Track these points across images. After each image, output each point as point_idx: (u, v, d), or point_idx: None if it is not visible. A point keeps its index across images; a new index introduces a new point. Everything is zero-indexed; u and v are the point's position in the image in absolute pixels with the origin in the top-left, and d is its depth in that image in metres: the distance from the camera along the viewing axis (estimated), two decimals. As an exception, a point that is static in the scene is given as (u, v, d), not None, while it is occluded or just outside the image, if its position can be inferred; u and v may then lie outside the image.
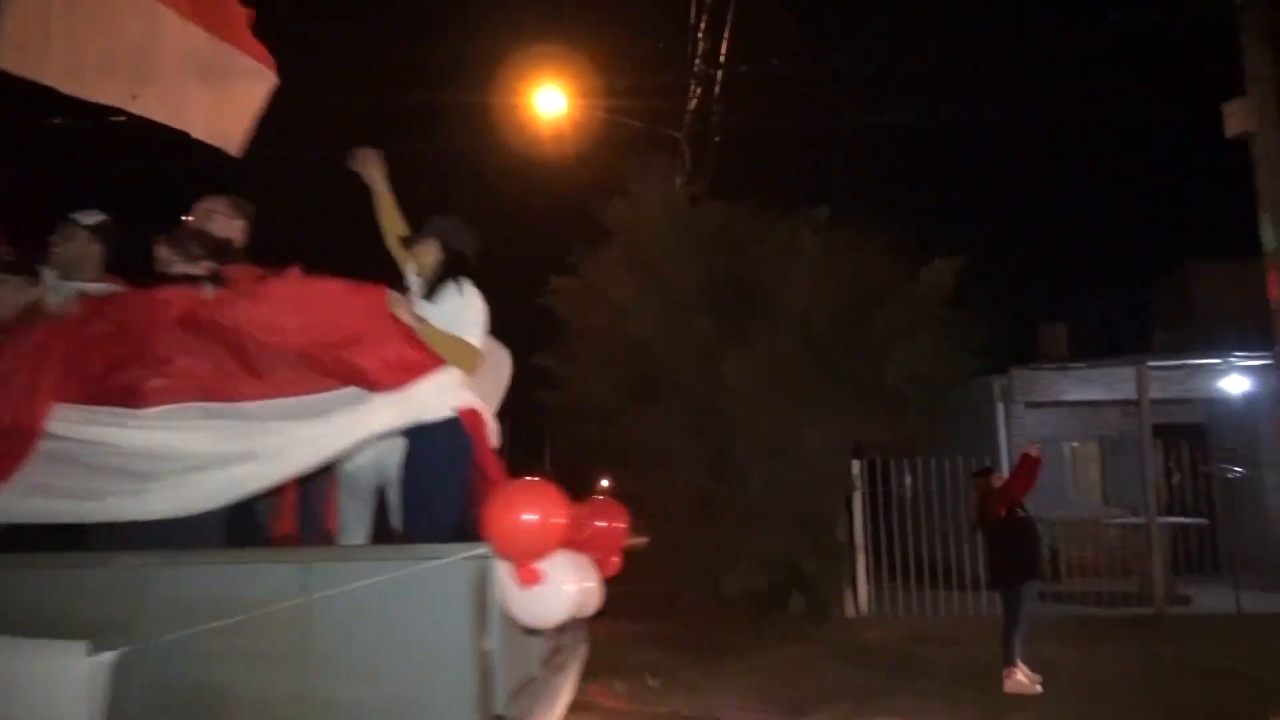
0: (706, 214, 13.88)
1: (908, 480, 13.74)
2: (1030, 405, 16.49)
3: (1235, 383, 14.64)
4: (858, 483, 12.92)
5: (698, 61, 14.79)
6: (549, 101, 14.50)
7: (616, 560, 3.98)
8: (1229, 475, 14.14)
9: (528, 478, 3.18)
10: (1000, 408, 16.29)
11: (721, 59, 14.64)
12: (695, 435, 12.91)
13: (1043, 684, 8.12)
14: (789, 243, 13.08)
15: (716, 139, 15.07)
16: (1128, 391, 13.96)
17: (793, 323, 12.68)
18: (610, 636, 11.19)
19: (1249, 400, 14.83)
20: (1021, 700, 7.90)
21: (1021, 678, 8.20)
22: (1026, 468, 8.74)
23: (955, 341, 13.01)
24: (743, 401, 12.35)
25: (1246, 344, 12.99)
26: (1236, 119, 11.64)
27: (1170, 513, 14.04)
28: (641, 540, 12.86)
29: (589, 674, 8.58)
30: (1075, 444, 17.14)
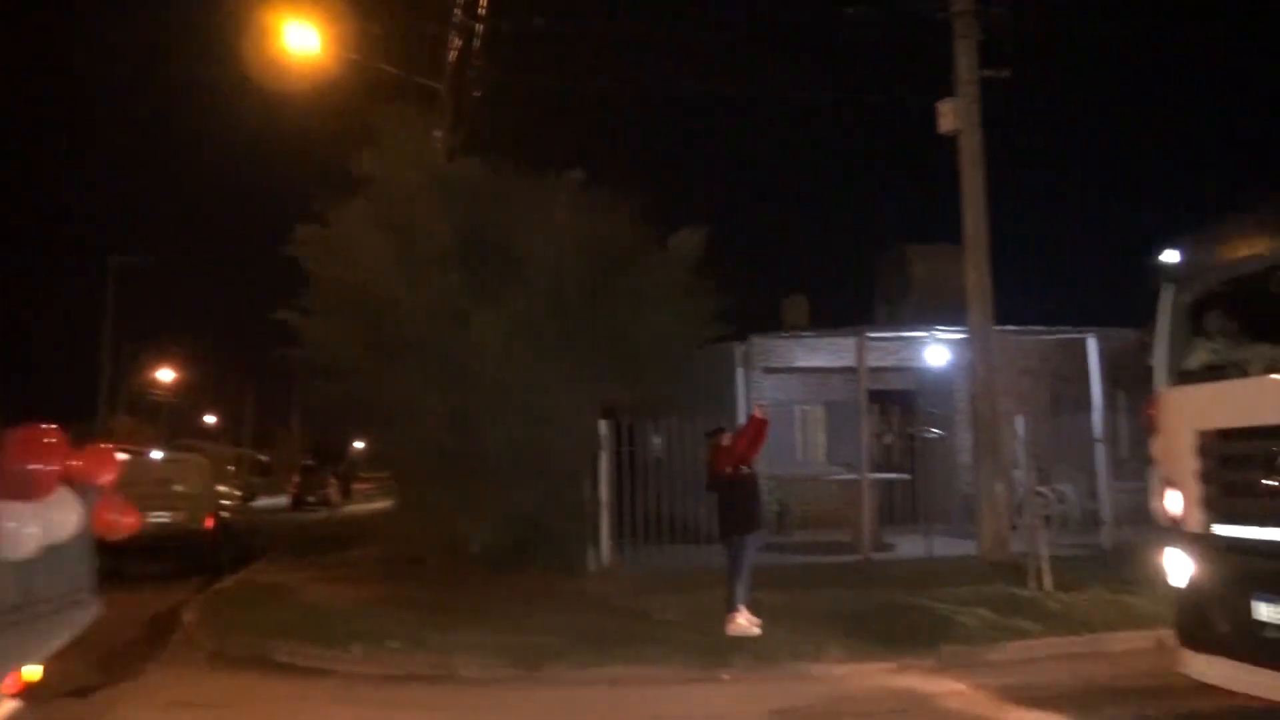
0: (462, 169, 13.73)
1: (656, 440, 14.42)
2: (768, 370, 17.77)
3: (938, 354, 16.53)
4: (605, 443, 13.38)
5: (458, 12, 14.54)
6: (300, 39, 13.70)
7: (127, 521, 4.29)
8: (927, 436, 16.00)
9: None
10: (740, 372, 17.43)
11: (481, 11, 14.48)
12: (442, 393, 12.85)
13: (761, 626, 8.91)
14: (543, 204, 13.22)
15: (476, 93, 14.91)
16: (850, 359, 15.40)
17: (543, 284, 12.86)
18: (352, 601, 11.06)
19: (950, 370, 16.79)
20: (742, 641, 8.63)
21: (742, 621, 8.96)
22: (753, 428, 9.48)
23: (700, 308, 13.72)
24: (491, 361, 12.43)
25: (952, 320, 14.66)
26: (947, 118, 13.07)
27: (881, 470, 15.68)
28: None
29: (326, 640, 8.50)
30: (805, 407, 18.68)
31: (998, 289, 13.11)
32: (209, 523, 15.47)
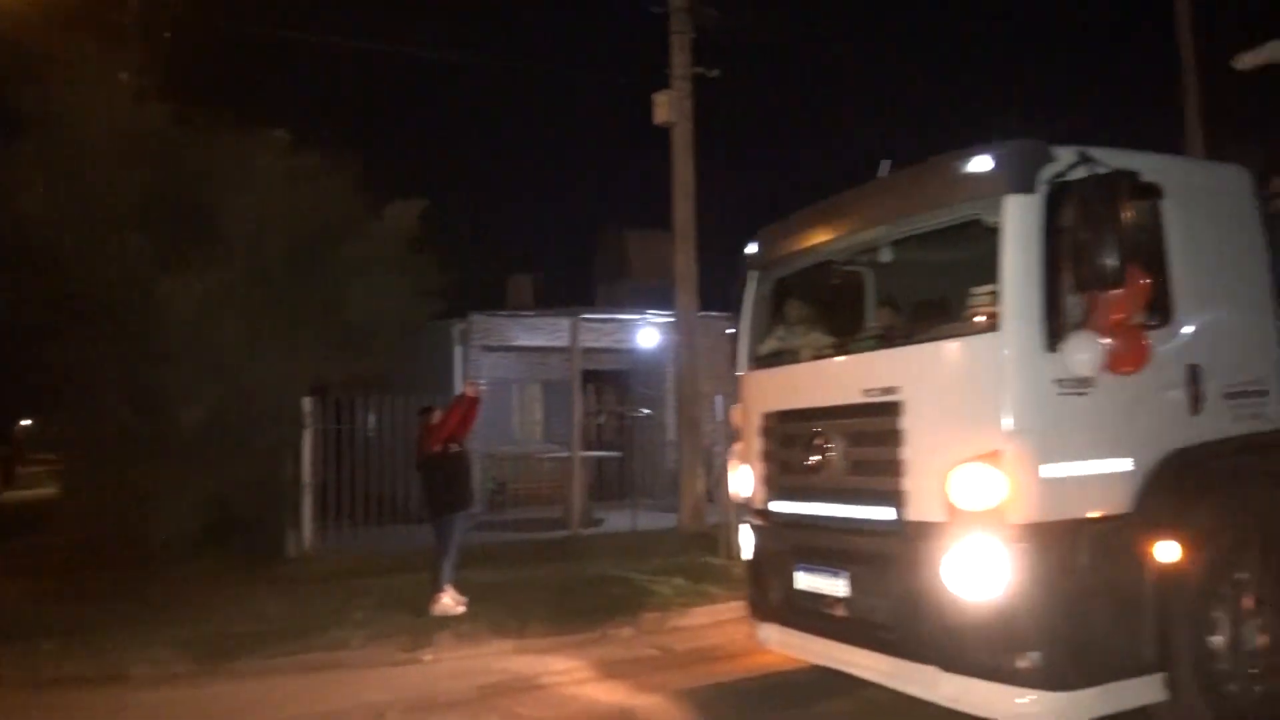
0: (151, 119, 12.53)
1: (371, 418, 14.00)
2: (487, 349, 17.80)
3: (650, 336, 17.33)
4: (309, 420, 12.84)
5: None
6: None
7: None
8: (637, 415, 16.76)
9: None
10: (458, 350, 17.33)
11: None
12: (123, 366, 11.76)
13: (467, 604, 8.99)
14: (246, 165, 12.40)
15: (166, 34, 13.61)
16: (567, 339, 15.78)
17: (246, 251, 12.09)
18: (11, 596, 9.85)
19: (660, 352, 17.65)
20: (447, 621, 8.65)
21: (448, 600, 8.99)
22: (464, 406, 9.51)
23: (417, 283, 13.46)
24: (181, 331, 11.54)
25: (665, 303, 15.40)
26: (662, 109, 13.69)
27: (593, 448, 16.22)
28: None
29: None
30: (524, 386, 18.91)
31: (710, 276, 13.94)
32: None
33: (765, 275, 6.33)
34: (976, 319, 4.58)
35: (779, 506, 5.68)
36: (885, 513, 4.76)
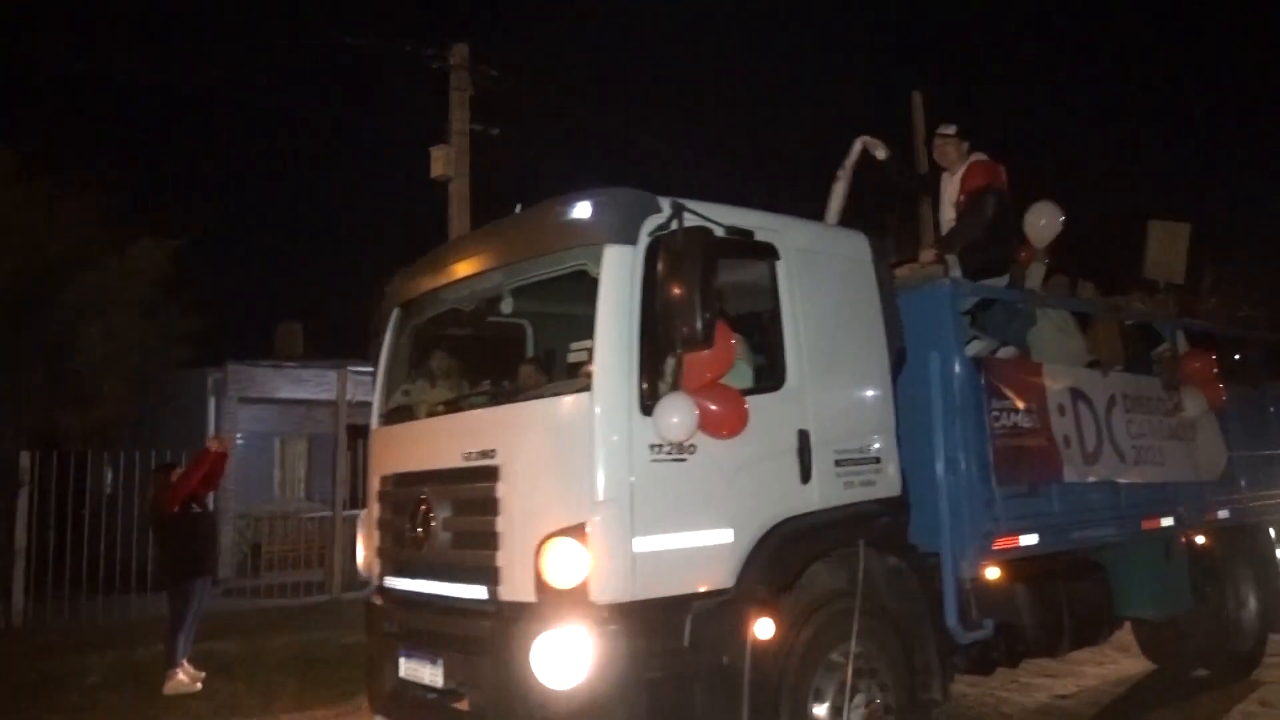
0: None
1: (108, 476, 13.83)
2: (245, 400, 18.01)
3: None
4: (25, 476, 12.68)
5: None
6: None
7: None
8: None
9: None
10: (212, 401, 17.50)
11: None
12: None
13: (205, 680, 9.19)
14: None
15: None
16: (334, 392, 16.29)
17: None
18: None
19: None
20: (181, 700, 8.56)
21: (183, 676, 9.07)
22: (207, 462, 9.80)
23: (166, 328, 13.63)
24: None
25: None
26: (439, 163, 14.68)
27: (358, 506, 16.67)
28: None
29: None
30: (287, 440, 19.21)
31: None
32: None
33: (404, 319, 6.08)
34: (572, 378, 4.71)
35: (391, 582, 5.47)
36: (479, 591, 4.68)
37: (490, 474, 4.67)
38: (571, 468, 4.39)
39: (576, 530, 4.26)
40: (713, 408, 4.49)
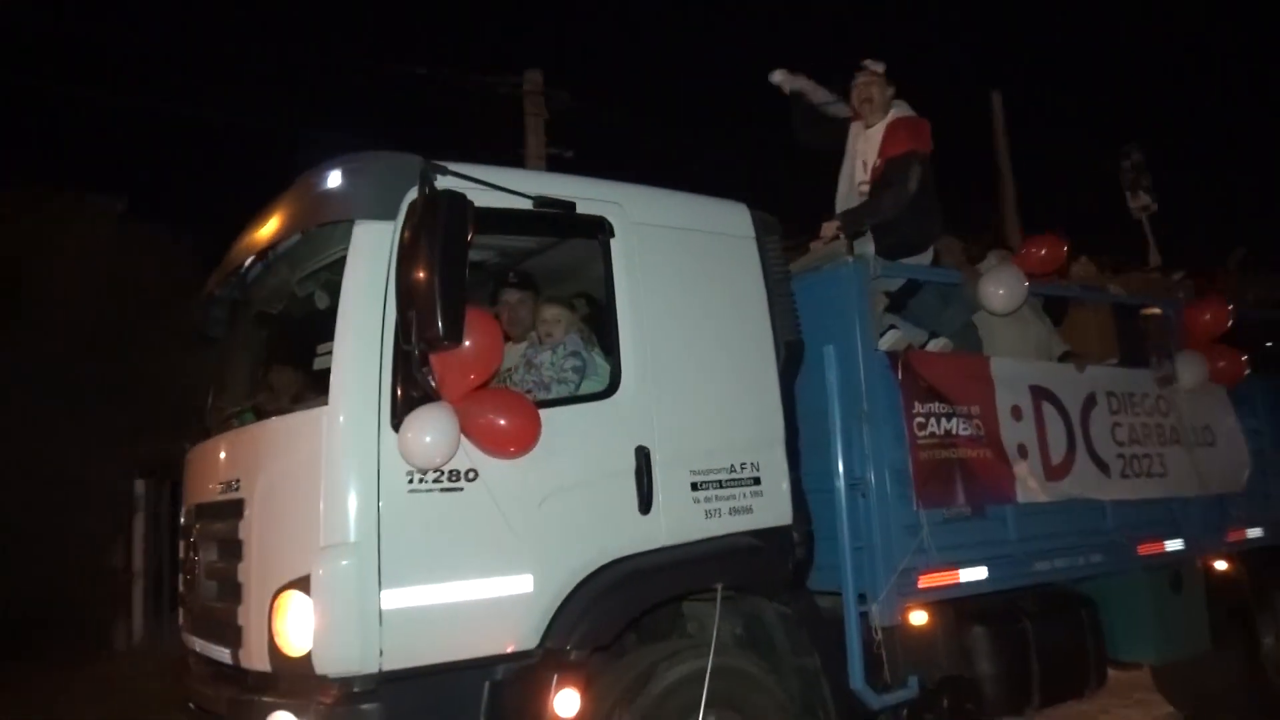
0: None
1: None
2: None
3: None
4: (141, 504, 12.64)
5: None
6: None
7: None
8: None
9: None
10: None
11: None
12: None
13: None
14: (68, 232, 12.39)
15: None
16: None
17: (64, 323, 12.06)
18: None
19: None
20: None
21: None
22: None
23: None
24: None
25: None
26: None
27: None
28: None
29: None
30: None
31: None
32: None
33: (211, 315, 4.60)
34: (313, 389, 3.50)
35: (184, 637, 4.17)
36: (225, 654, 3.56)
37: (234, 509, 3.53)
38: (307, 502, 3.18)
39: (304, 582, 3.10)
40: (490, 420, 3.29)
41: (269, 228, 3.74)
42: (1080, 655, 4.77)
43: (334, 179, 3.46)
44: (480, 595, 3.31)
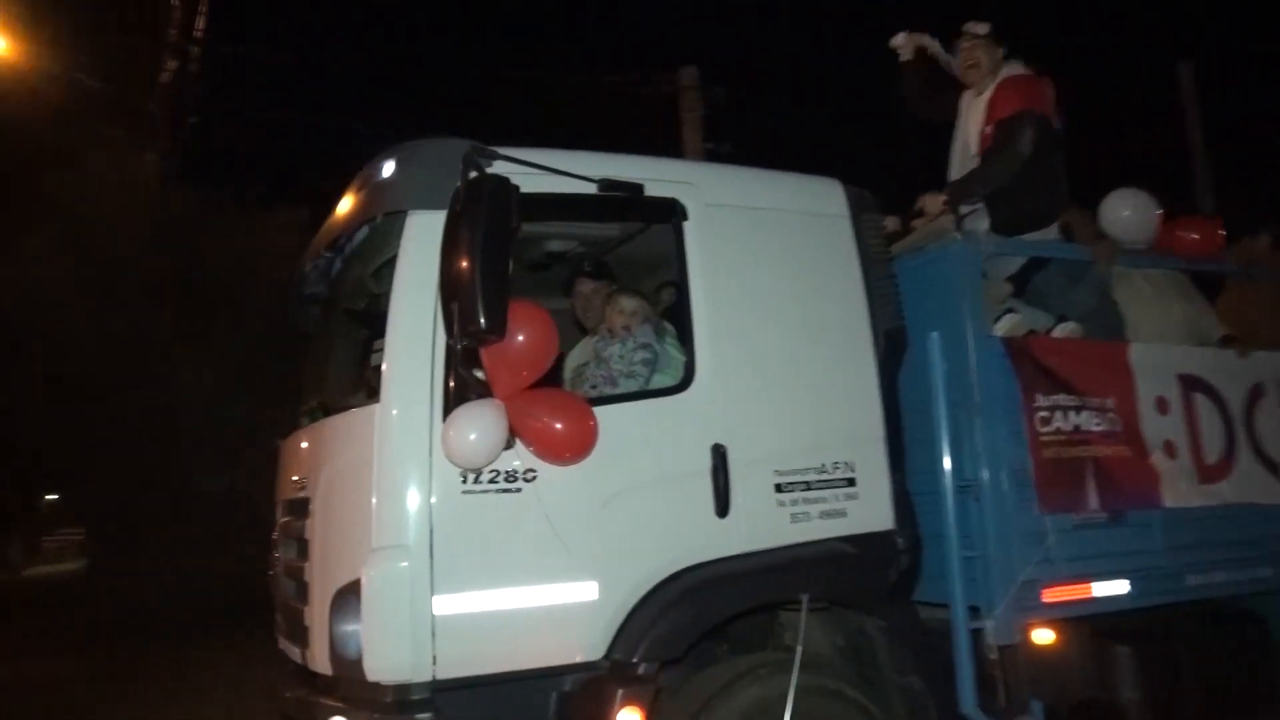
0: (174, 200, 13.45)
1: None
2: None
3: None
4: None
5: (174, 33, 14.24)
6: None
7: None
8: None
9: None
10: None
11: (198, 34, 14.24)
12: (139, 441, 12.54)
13: None
14: (270, 241, 13.07)
15: (194, 119, 14.61)
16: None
17: (267, 325, 12.56)
18: (35, 679, 9.23)
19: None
20: None
21: None
22: None
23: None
24: (201, 407, 12.18)
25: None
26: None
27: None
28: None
29: None
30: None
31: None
32: None
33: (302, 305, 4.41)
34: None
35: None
36: (298, 654, 3.48)
37: (304, 508, 3.42)
38: (361, 503, 3.04)
39: (357, 585, 2.95)
40: (543, 424, 3.03)
41: (337, 221, 3.63)
42: (1247, 681, 4.07)
43: (388, 169, 3.31)
44: (540, 602, 3.08)
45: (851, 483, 3.55)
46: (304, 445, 3.71)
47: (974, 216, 3.93)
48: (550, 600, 3.10)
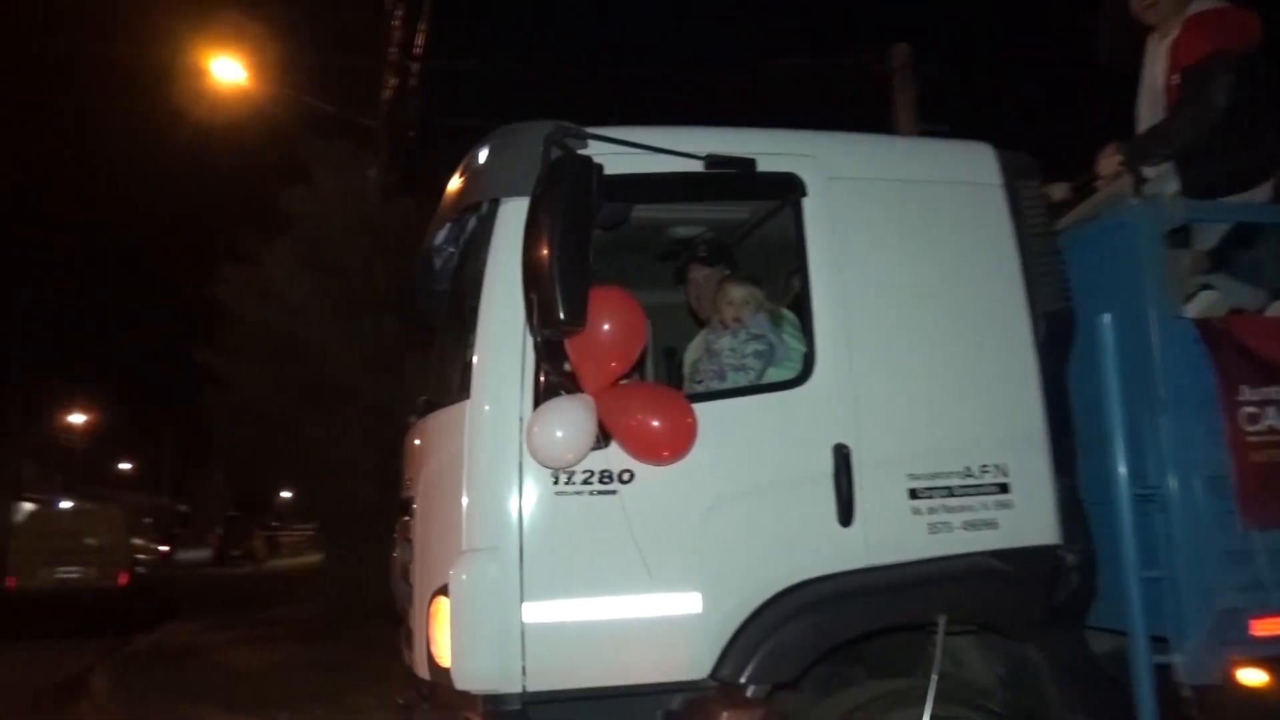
0: (396, 211, 14.14)
1: None
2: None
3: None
4: None
5: (393, 51, 14.96)
6: (227, 70, 12.88)
7: None
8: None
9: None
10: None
11: (417, 50, 14.91)
12: (371, 443, 13.15)
13: None
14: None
15: (412, 133, 15.27)
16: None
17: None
18: (277, 663, 9.76)
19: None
20: None
21: None
22: None
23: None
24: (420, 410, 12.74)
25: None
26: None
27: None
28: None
29: (247, 707, 7.46)
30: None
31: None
32: (123, 579, 14.34)
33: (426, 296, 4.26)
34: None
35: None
36: (406, 655, 3.34)
37: (409, 508, 3.34)
38: (454, 503, 2.88)
39: (445, 589, 2.81)
40: (635, 421, 2.77)
41: (439, 211, 3.52)
42: None
43: (481, 155, 3.13)
44: (637, 613, 2.84)
45: (1004, 488, 3.05)
46: (411, 443, 3.64)
47: (1160, 178, 3.26)
48: (648, 611, 2.84)
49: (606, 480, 2.84)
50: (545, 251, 2.65)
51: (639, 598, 2.84)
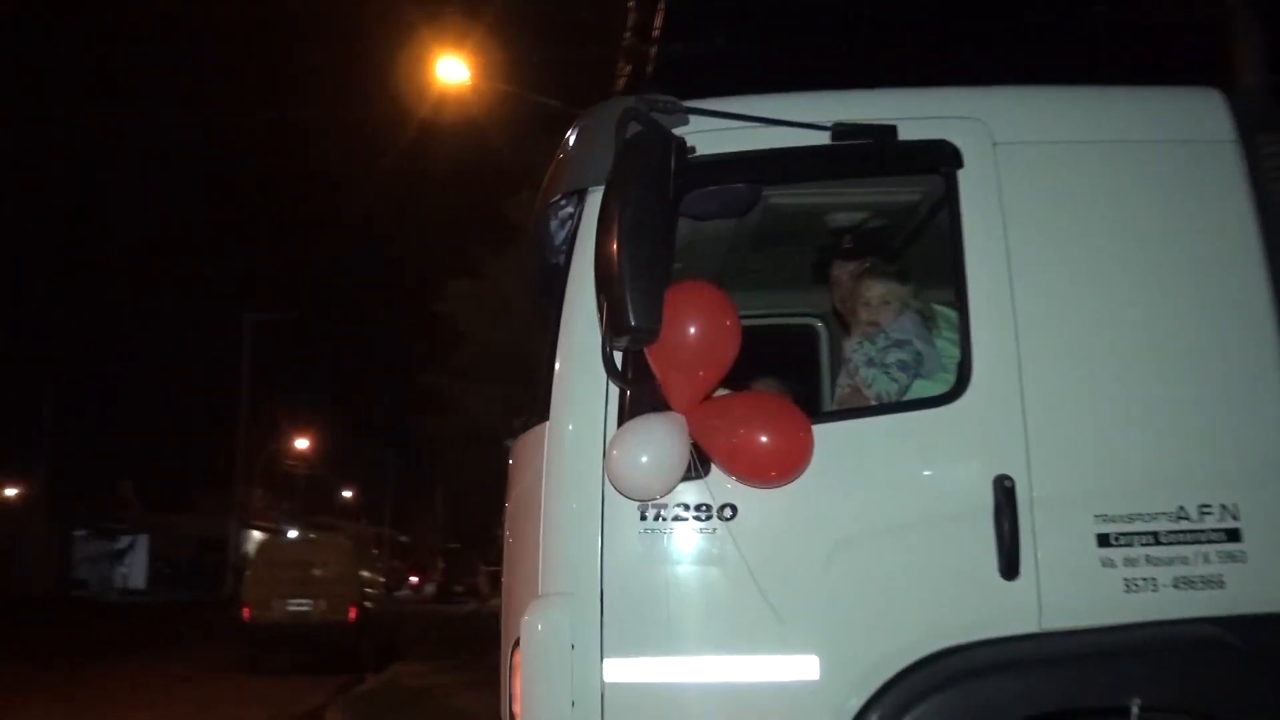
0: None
1: None
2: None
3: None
4: None
5: (628, 35, 14.22)
6: (450, 71, 11.70)
7: None
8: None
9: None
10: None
11: (655, 33, 14.19)
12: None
13: None
14: None
15: None
16: None
17: None
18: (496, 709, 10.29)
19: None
20: None
21: None
22: None
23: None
24: None
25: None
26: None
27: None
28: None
29: None
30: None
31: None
32: (352, 613, 13.36)
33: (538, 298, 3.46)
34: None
35: None
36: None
37: (503, 540, 2.98)
38: (532, 537, 2.47)
39: (520, 644, 2.39)
40: (737, 436, 2.26)
41: (535, 208, 3.09)
42: None
43: (570, 140, 2.67)
44: (739, 677, 2.33)
45: (1234, 536, 2.30)
46: (510, 464, 3.27)
47: None
48: (752, 676, 2.33)
49: (704, 515, 2.33)
50: (614, 246, 2.16)
51: (741, 659, 2.32)
